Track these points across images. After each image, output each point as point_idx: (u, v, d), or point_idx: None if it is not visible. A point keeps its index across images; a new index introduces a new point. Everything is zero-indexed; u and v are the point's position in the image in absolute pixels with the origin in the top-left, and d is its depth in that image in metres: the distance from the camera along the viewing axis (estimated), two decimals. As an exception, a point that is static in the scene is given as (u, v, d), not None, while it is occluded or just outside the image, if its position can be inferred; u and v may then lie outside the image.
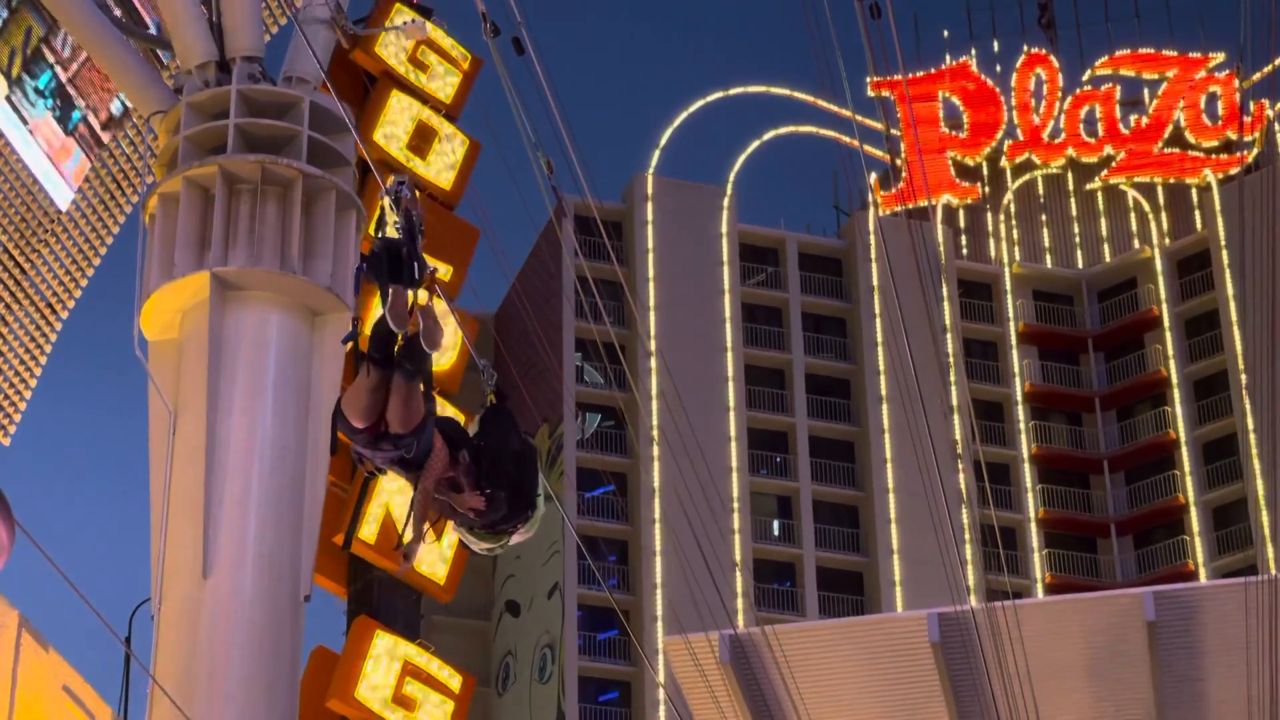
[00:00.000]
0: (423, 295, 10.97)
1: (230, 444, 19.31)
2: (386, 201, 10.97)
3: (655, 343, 67.91)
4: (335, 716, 24.62)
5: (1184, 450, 73.83)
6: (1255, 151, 76.98)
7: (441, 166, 26.38)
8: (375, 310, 10.94)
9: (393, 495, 25.02)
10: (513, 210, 20.66)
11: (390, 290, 10.74)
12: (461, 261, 25.83)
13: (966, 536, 68.29)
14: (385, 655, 24.58)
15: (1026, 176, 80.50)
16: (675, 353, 67.13)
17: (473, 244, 26.09)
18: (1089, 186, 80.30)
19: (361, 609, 25.60)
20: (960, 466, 70.55)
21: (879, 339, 73.09)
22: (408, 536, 11.08)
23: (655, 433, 65.14)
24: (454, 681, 25.02)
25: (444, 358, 23.92)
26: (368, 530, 25.01)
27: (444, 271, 24.55)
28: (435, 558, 25.14)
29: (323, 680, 23.94)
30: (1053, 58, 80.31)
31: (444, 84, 25.87)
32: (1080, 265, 79.40)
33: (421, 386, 10.93)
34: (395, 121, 26.68)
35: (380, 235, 10.93)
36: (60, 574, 13.46)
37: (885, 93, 76.87)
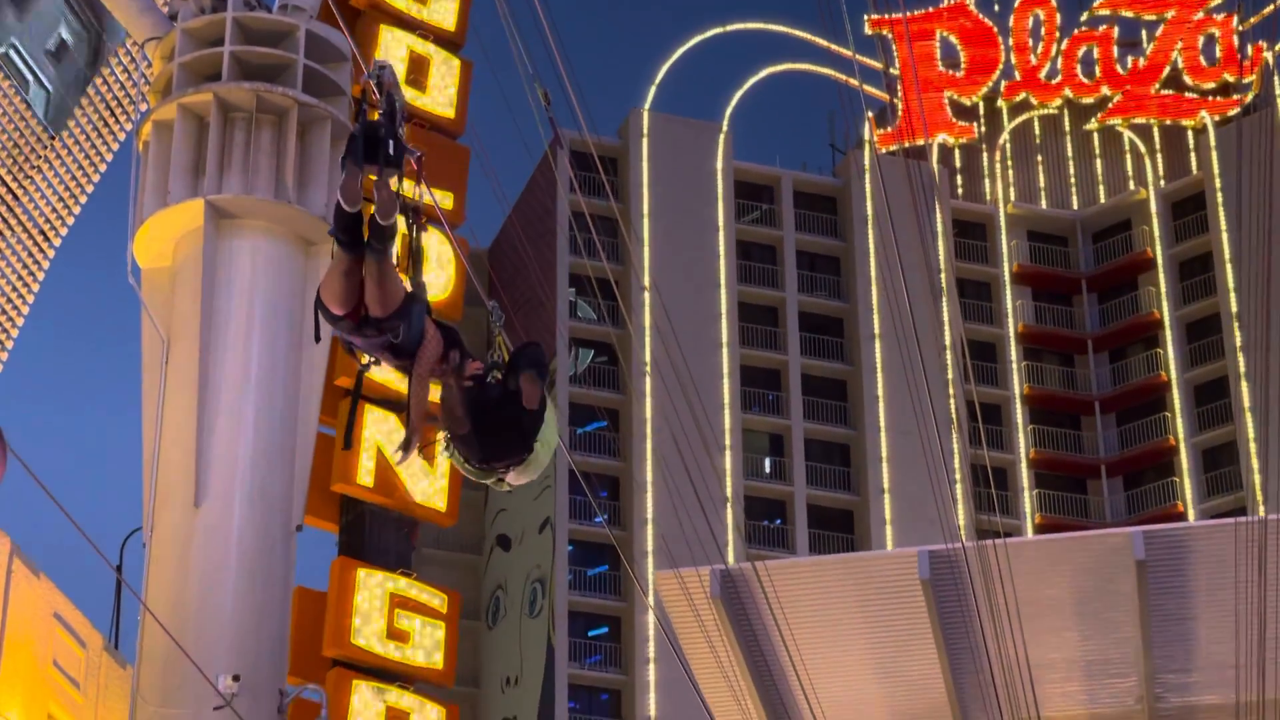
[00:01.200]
0: (409, 179, 10.84)
1: (223, 372, 19.32)
2: (372, 84, 10.84)
3: (649, 279, 67.85)
4: (328, 659, 24.62)
5: (1175, 392, 73.92)
6: (1252, 94, 76.78)
7: (441, 96, 26.27)
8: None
9: (384, 435, 24.97)
10: (509, 144, 20.59)
11: (349, 169, 10.56)
12: (459, 185, 25.74)
13: (957, 476, 68.42)
14: (371, 592, 24.56)
15: (1023, 117, 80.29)
16: (669, 289, 67.07)
17: (465, 164, 25.99)
18: (1085, 127, 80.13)
19: (353, 543, 25.57)
20: (952, 406, 70.61)
21: (873, 277, 73.04)
22: (404, 430, 10.93)
23: (648, 368, 65.17)
24: (439, 601, 25.00)
25: (439, 282, 23.78)
26: (364, 474, 24.94)
27: (445, 199, 24.45)
28: (433, 487, 25.11)
29: (308, 620, 23.92)
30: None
31: (445, 12, 25.69)
32: (1075, 206, 79.30)
33: (408, 269, 10.81)
34: (388, 56, 26.55)
35: (362, 119, 10.81)
36: (52, 500, 13.47)
37: (883, 31, 76.62)
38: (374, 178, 10.65)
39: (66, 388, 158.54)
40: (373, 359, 10.78)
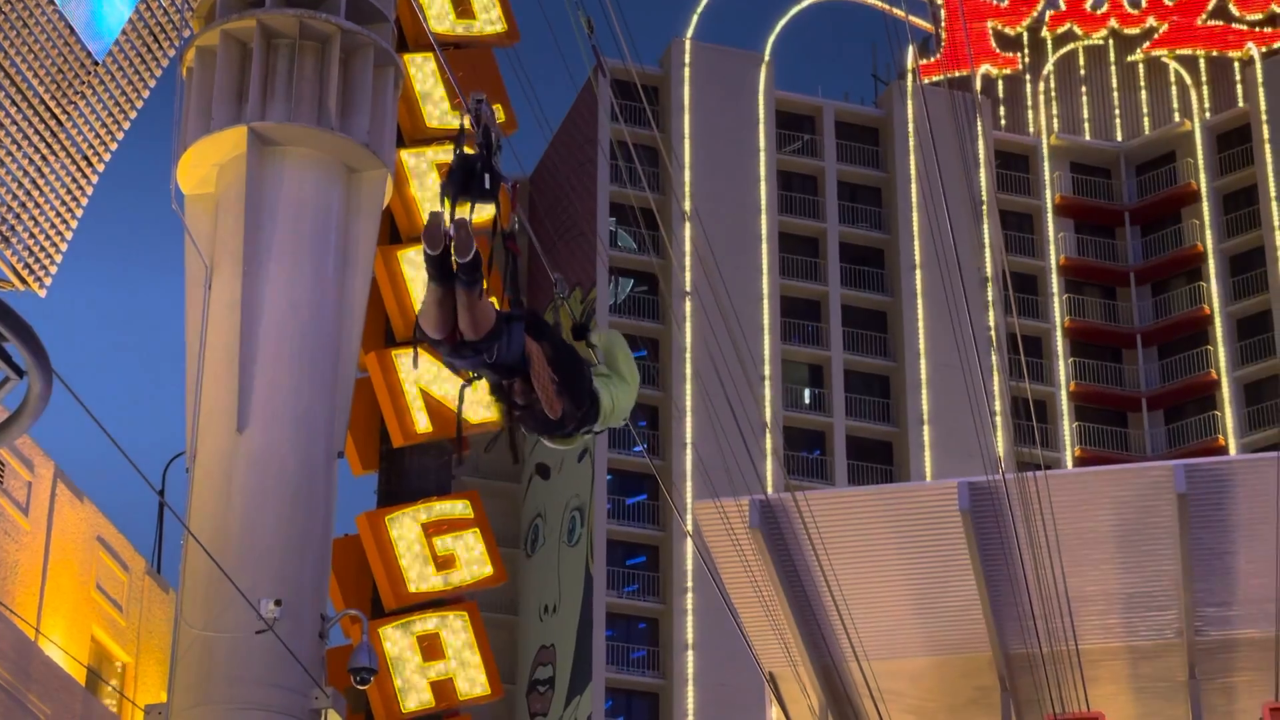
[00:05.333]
0: (488, 211, 11.34)
1: (265, 299, 19.36)
2: (466, 120, 11.30)
3: (690, 209, 67.72)
4: (368, 593, 24.82)
5: (1218, 326, 73.60)
6: (1300, 26, 76.17)
7: (489, 14, 26.26)
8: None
9: (422, 373, 25.08)
10: (551, 73, 20.53)
11: (431, 214, 11.15)
12: (498, 90, 25.82)
13: (997, 408, 68.31)
14: (406, 535, 24.74)
15: (1067, 47, 79.74)
16: (710, 219, 66.95)
17: (494, 66, 26.08)
18: (1130, 58, 79.55)
19: (393, 475, 25.72)
20: (993, 338, 70.47)
21: (914, 208, 72.77)
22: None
23: (688, 299, 65.15)
24: (461, 508, 25.18)
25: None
26: (420, 421, 25.12)
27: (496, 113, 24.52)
28: (481, 405, 25.24)
29: (346, 569, 24.15)
30: (1097, -73, 79.34)
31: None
32: (1119, 138, 78.83)
33: (506, 290, 11.36)
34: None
35: (459, 152, 11.24)
36: (97, 423, 13.53)
37: (927, -40, 76.12)
38: (456, 213, 11.13)
39: (110, 313, 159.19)
40: (475, 375, 11.33)
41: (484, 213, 11.29)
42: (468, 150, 11.33)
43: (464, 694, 24.33)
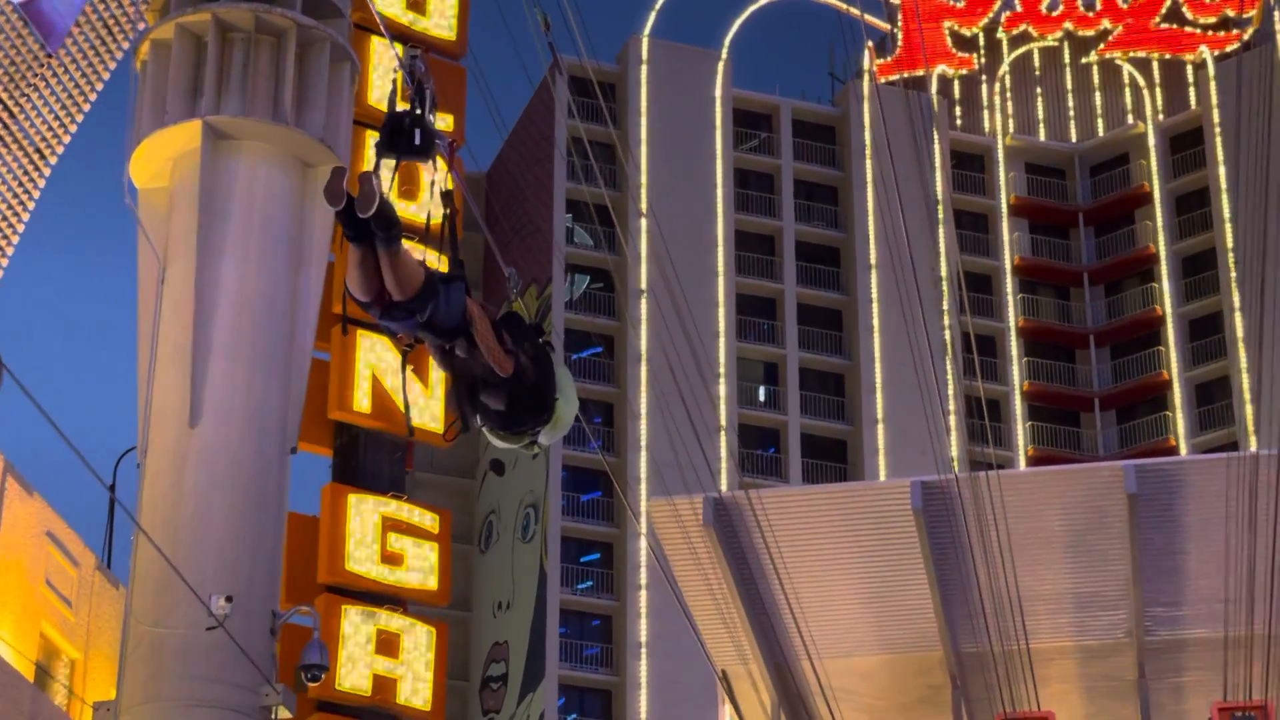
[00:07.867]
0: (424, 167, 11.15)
1: (219, 293, 19.30)
2: (400, 75, 11.09)
3: (646, 205, 67.72)
4: (320, 584, 24.71)
5: (1169, 327, 73.95)
6: (1252, 29, 76.49)
7: (440, 18, 26.20)
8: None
9: (379, 361, 25.02)
10: (507, 69, 20.52)
11: (334, 169, 10.86)
12: (457, 107, 25.77)
13: (951, 407, 68.50)
14: (364, 518, 24.65)
15: (1023, 49, 80.00)
16: (666, 216, 66.94)
17: (462, 85, 26.03)
18: (1085, 60, 79.87)
19: (346, 467, 25.66)
20: (947, 337, 70.66)
21: (870, 207, 72.90)
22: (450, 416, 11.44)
23: (644, 297, 65.17)
24: (430, 521, 25.14)
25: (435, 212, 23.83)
26: (361, 400, 25.05)
27: (444, 121, 24.42)
28: (428, 410, 25.21)
29: (300, 545, 24.01)
30: (1053, -72, 79.60)
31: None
32: (1073, 139, 79.13)
33: (445, 252, 11.10)
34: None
35: (391, 109, 11.05)
36: (46, 418, 13.46)
37: (884, -41, 76.28)
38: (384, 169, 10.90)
39: (62, 307, 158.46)
40: (412, 340, 11.07)
41: (424, 167, 11.08)
42: (401, 107, 11.11)
43: (404, 700, 24.24)
